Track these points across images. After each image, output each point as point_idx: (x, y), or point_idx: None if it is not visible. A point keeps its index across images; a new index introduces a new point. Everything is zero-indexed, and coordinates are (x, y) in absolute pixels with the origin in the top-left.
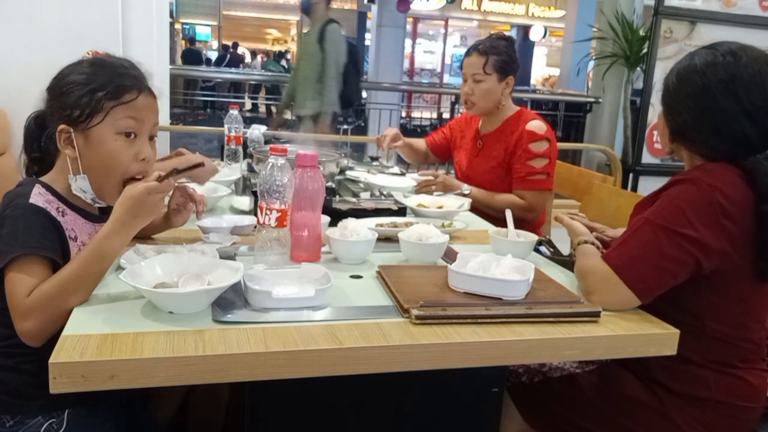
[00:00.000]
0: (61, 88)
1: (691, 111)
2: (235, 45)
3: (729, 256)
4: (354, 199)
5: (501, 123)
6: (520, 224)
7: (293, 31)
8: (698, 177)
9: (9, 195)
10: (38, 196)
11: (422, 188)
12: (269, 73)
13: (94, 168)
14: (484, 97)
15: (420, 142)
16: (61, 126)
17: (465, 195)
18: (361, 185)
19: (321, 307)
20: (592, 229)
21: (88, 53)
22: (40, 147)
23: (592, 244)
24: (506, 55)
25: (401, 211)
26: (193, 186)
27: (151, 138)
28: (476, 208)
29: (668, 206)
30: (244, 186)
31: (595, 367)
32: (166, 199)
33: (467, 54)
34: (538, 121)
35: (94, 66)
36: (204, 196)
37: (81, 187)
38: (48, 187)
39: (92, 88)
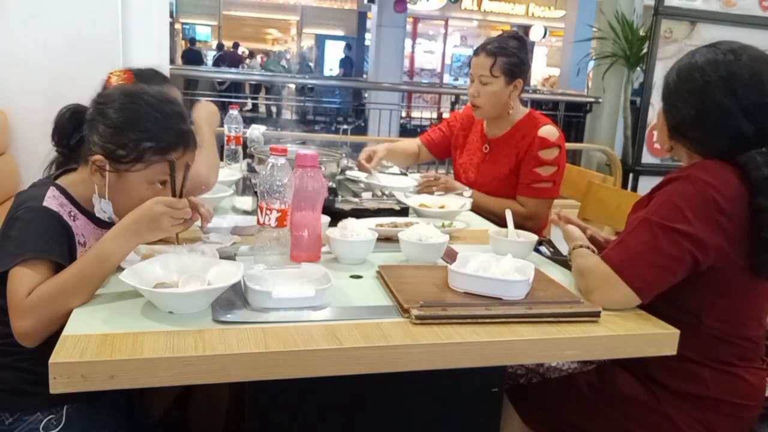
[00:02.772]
0: (108, 115)
1: (690, 107)
2: (236, 45)
3: (725, 252)
4: (356, 200)
5: (510, 127)
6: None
7: (293, 31)
8: (693, 174)
9: (22, 196)
10: (52, 200)
11: (424, 189)
12: (269, 73)
13: (120, 202)
14: (490, 101)
15: (406, 144)
16: (98, 157)
17: (469, 197)
18: (362, 185)
19: (321, 307)
20: (584, 228)
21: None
22: (69, 144)
23: (588, 248)
24: (515, 56)
25: (404, 212)
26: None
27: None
28: (477, 211)
29: (664, 203)
30: (245, 186)
31: (593, 367)
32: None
33: (476, 53)
34: (551, 127)
35: (149, 107)
36: (210, 210)
37: (103, 209)
38: (62, 191)
39: (141, 137)
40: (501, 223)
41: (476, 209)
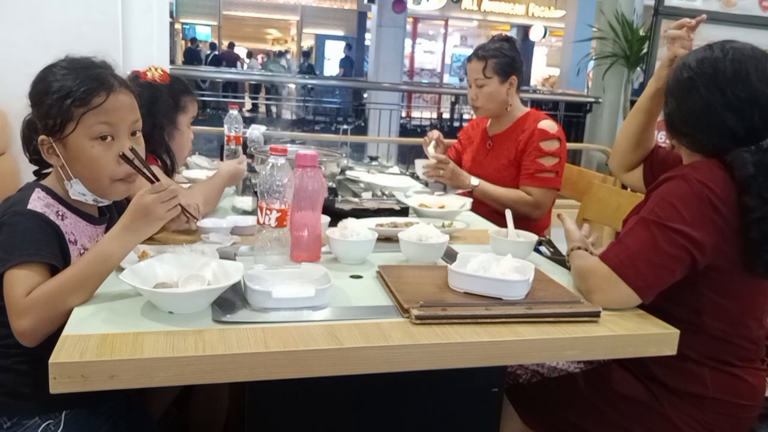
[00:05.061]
0: (35, 95)
1: (681, 104)
2: (231, 45)
3: (722, 251)
4: (356, 199)
5: (511, 123)
6: (526, 222)
7: (293, 31)
8: (688, 173)
9: (8, 201)
10: (37, 201)
11: (431, 172)
12: (269, 73)
13: (81, 174)
14: (488, 101)
15: None
16: (41, 137)
17: (473, 187)
18: (362, 185)
19: (321, 307)
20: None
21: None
22: (37, 150)
23: (585, 250)
24: (504, 56)
25: (404, 211)
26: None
27: (134, 134)
28: (480, 202)
29: (660, 203)
30: (245, 186)
31: (593, 367)
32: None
33: (469, 60)
34: (550, 121)
35: (64, 70)
36: (198, 207)
37: (78, 191)
38: (48, 191)
39: (61, 96)
40: (503, 212)
41: (482, 197)
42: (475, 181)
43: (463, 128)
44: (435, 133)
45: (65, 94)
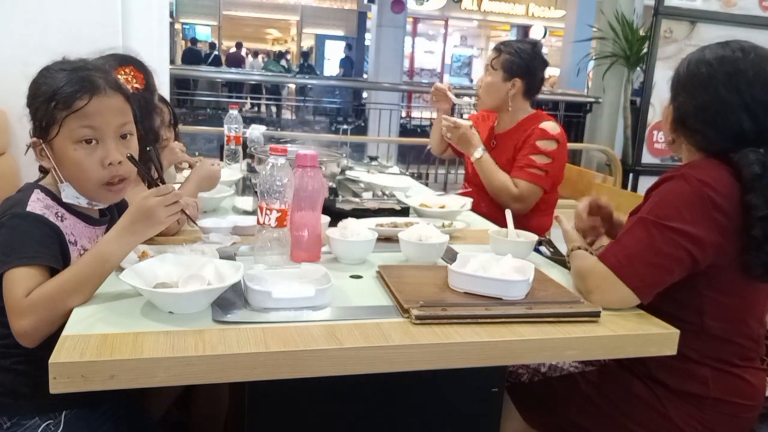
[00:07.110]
0: (28, 97)
1: (694, 100)
2: (239, 45)
3: (723, 250)
4: (357, 199)
5: (516, 124)
6: (526, 222)
7: (293, 31)
8: (687, 173)
9: (7, 202)
10: (36, 203)
11: (445, 130)
12: (269, 73)
13: (70, 177)
14: (486, 91)
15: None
16: (33, 139)
17: (476, 159)
18: (362, 185)
19: (321, 307)
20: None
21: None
22: None
23: (585, 250)
24: (518, 56)
25: (404, 211)
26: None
27: (124, 137)
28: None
29: (660, 203)
30: (245, 186)
31: (594, 367)
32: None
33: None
34: (553, 123)
35: (55, 72)
36: (197, 204)
37: (71, 194)
38: (47, 192)
39: (46, 99)
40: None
41: (478, 171)
42: (478, 153)
43: (471, 116)
44: (446, 84)
45: (50, 96)
